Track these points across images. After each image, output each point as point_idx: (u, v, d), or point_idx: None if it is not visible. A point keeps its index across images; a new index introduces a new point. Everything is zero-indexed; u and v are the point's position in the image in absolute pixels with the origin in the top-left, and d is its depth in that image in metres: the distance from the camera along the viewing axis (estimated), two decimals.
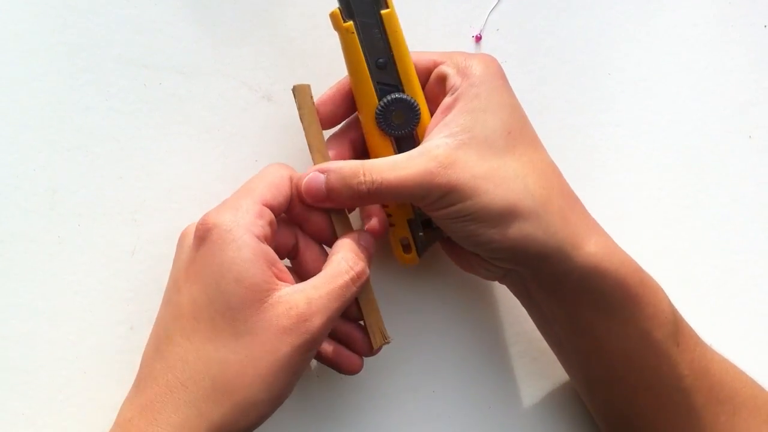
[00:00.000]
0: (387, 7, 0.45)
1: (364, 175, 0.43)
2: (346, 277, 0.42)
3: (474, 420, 0.52)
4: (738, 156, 0.56)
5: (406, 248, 0.48)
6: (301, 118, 0.46)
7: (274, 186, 0.44)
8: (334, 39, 0.52)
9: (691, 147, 0.56)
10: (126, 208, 0.49)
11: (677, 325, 0.45)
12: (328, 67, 0.51)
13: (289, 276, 0.43)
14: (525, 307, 0.49)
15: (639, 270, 0.45)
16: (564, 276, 0.44)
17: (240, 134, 0.51)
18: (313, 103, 0.46)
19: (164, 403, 0.40)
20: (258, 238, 0.41)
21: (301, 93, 0.45)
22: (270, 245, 0.42)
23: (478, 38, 0.53)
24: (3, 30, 0.49)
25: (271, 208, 0.43)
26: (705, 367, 0.46)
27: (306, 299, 0.41)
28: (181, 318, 0.41)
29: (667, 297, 0.46)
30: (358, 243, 0.44)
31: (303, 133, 0.46)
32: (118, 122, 0.49)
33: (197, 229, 0.42)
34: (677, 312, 0.46)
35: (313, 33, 0.52)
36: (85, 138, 0.49)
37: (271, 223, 0.43)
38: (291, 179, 0.44)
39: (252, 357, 0.40)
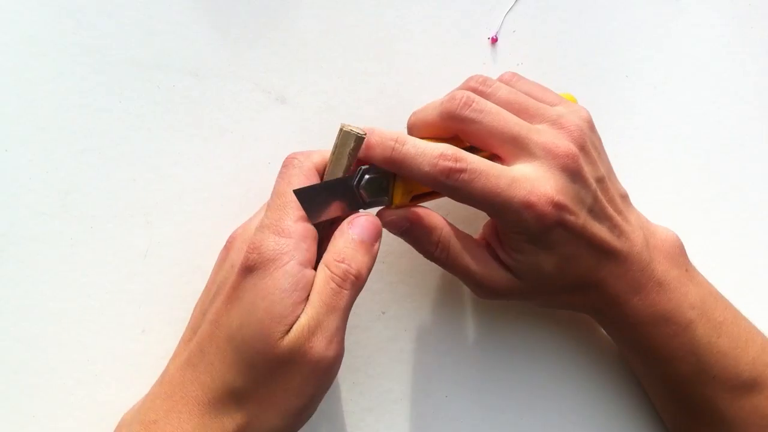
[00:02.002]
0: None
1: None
2: (332, 285, 0.41)
3: (487, 425, 0.52)
4: (757, 159, 0.56)
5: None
6: (330, 159, 0.43)
7: None
8: (347, 42, 0.51)
9: (709, 150, 0.55)
10: (139, 210, 0.49)
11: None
12: (342, 70, 0.51)
13: None
14: None
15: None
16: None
17: (253, 136, 0.50)
18: (354, 155, 0.42)
19: (191, 414, 0.40)
20: (302, 264, 0.40)
21: (343, 138, 0.42)
22: (313, 262, 0.41)
23: (494, 40, 0.53)
24: (16, 32, 0.49)
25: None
26: None
27: (308, 326, 0.40)
28: (215, 338, 0.41)
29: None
30: (350, 230, 0.42)
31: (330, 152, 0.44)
32: (131, 124, 0.49)
33: (246, 257, 0.41)
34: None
35: (327, 35, 0.51)
36: (98, 140, 0.49)
37: (314, 237, 0.42)
38: (316, 168, 0.43)
39: (265, 386, 0.40)
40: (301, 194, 0.41)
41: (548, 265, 0.45)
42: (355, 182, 0.43)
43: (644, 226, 0.47)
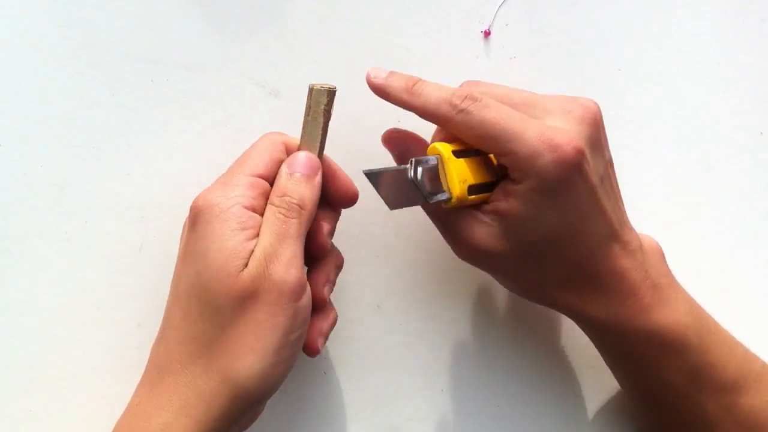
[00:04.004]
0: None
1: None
2: (279, 216, 0.42)
3: (482, 419, 0.52)
4: (749, 152, 0.56)
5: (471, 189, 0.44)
6: (305, 121, 0.44)
7: (267, 155, 0.44)
8: (341, 36, 0.51)
9: (701, 143, 0.55)
10: (133, 204, 0.49)
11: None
12: (335, 63, 0.51)
13: None
14: None
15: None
16: None
17: (247, 130, 0.50)
18: (328, 110, 0.44)
19: (166, 386, 0.40)
20: (247, 208, 0.41)
21: (315, 96, 0.44)
22: (261, 211, 0.42)
23: (487, 33, 0.53)
24: (10, 25, 0.49)
25: (267, 179, 0.43)
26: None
27: (263, 255, 0.40)
28: (177, 300, 0.42)
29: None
30: (288, 169, 0.43)
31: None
32: (125, 118, 0.49)
33: (190, 210, 0.42)
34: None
35: (321, 28, 0.51)
36: (92, 134, 0.49)
37: (265, 194, 0.43)
38: (285, 144, 0.44)
39: (235, 328, 0.40)
40: (373, 177, 0.42)
41: (546, 224, 0.42)
42: (411, 173, 0.43)
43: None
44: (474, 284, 0.52)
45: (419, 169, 0.43)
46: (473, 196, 0.43)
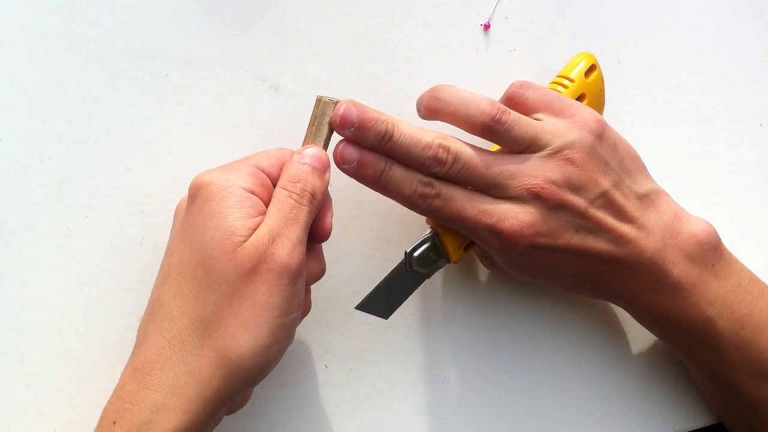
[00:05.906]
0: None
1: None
2: (290, 201, 0.42)
3: (484, 411, 0.52)
4: (748, 144, 0.56)
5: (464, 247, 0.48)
6: (309, 130, 0.45)
7: (273, 156, 0.44)
8: (341, 30, 0.51)
9: (701, 135, 0.55)
10: (134, 199, 0.49)
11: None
12: (335, 57, 0.51)
13: None
14: None
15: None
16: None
17: (247, 125, 0.50)
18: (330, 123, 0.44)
19: (153, 364, 0.40)
20: (245, 189, 0.41)
21: (322, 108, 0.44)
22: (261, 197, 0.42)
23: (487, 26, 0.53)
24: (9, 21, 0.49)
25: (269, 175, 0.43)
26: None
27: (268, 234, 0.40)
28: (169, 277, 0.41)
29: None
30: (301, 159, 0.43)
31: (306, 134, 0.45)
32: (126, 113, 0.49)
33: (190, 189, 0.42)
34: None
35: (321, 23, 0.51)
36: (93, 129, 0.49)
37: (264, 185, 0.43)
38: (291, 153, 0.44)
39: (230, 306, 0.39)
40: (365, 307, 0.46)
41: (535, 265, 0.46)
42: (407, 267, 0.46)
43: (667, 226, 0.47)
44: (475, 277, 0.52)
45: (414, 256, 0.46)
46: (467, 252, 0.47)
